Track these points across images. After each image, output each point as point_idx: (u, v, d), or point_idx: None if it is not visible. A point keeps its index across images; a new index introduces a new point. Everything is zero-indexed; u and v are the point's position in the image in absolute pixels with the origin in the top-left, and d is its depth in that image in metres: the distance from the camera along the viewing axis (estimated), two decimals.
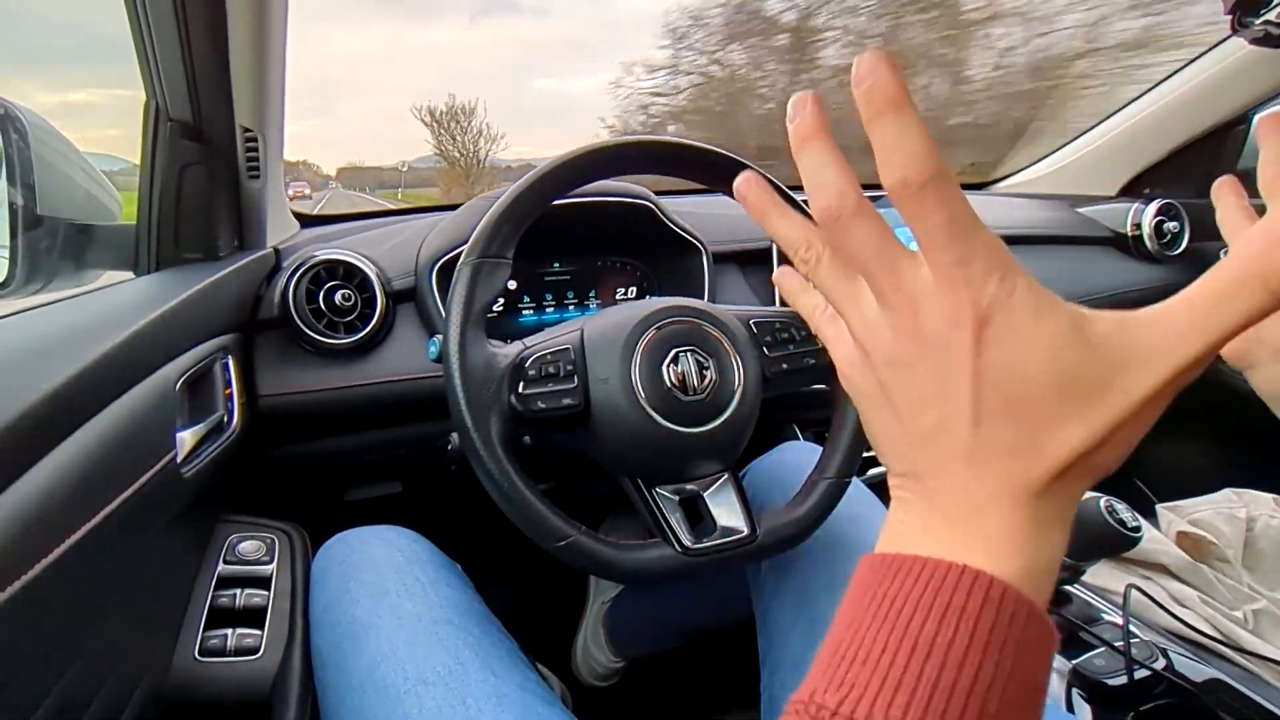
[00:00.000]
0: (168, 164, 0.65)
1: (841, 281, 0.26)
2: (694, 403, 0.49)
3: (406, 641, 0.47)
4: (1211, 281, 0.21)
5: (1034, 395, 0.22)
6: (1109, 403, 0.21)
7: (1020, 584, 0.21)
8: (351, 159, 18.91)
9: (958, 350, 0.22)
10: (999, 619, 0.20)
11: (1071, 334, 0.22)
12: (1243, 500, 0.88)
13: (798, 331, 0.55)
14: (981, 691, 0.19)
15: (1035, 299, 0.22)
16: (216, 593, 0.60)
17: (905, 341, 0.24)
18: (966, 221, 0.22)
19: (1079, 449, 0.21)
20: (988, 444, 0.22)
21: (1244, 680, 0.62)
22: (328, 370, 0.72)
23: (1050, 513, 0.22)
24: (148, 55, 0.61)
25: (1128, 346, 0.22)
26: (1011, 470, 0.22)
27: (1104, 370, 0.21)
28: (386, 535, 0.58)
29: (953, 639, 0.20)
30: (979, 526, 0.22)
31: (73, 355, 0.42)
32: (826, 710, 0.20)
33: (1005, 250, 0.22)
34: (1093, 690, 0.61)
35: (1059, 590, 0.71)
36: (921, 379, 0.23)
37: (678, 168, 0.53)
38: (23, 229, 0.57)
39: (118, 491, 0.43)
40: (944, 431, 0.23)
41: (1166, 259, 1.18)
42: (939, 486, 0.23)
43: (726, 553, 0.50)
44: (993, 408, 0.22)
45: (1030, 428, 0.22)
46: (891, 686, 0.20)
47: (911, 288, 0.23)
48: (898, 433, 0.25)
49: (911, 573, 0.22)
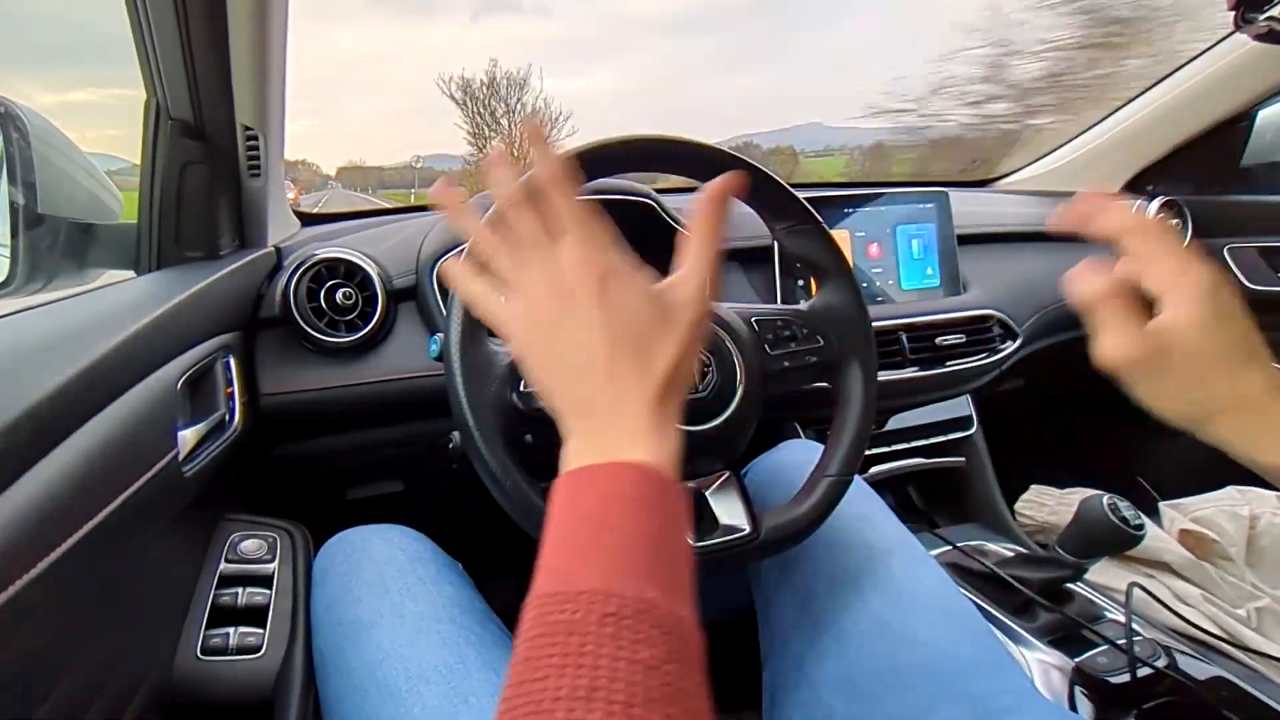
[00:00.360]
0: (169, 163, 0.65)
1: (511, 262, 0.35)
2: (696, 400, 0.49)
3: (408, 640, 0.47)
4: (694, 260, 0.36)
5: (642, 329, 0.33)
6: (679, 331, 0.33)
7: (660, 466, 0.30)
8: (352, 158, 18.51)
9: (589, 300, 0.32)
10: (652, 489, 0.29)
11: (649, 286, 0.34)
12: (1245, 498, 0.87)
13: (799, 329, 0.55)
14: (655, 534, 0.28)
15: (627, 264, 0.34)
16: (218, 591, 0.60)
17: (557, 298, 0.33)
18: (584, 216, 0.34)
19: (674, 362, 0.33)
20: (620, 367, 0.32)
21: (1247, 678, 0.62)
22: (329, 369, 0.72)
23: (666, 415, 0.32)
24: (148, 54, 0.61)
25: (675, 297, 0.34)
26: (640, 385, 0.32)
27: (671, 310, 0.34)
28: (388, 534, 0.58)
29: (623, 510, 0.28)
30: (627, 433, 0.31)
31: (74, 354, 0.42)
32: (546, 596, 0.26)
33: (605, 235, 0.34)
34: (1095, 688, 0.61)
35: (1062, 588, 0.71)
36: (569, 326, 0.33)
37: (674, 164, 0.53)
38: (24, 228, 0.57)
39: (119, 490, 0.43)
40: (591, 363, 0.32)
41: None
42: (595, 409, 0.32)
43: (729, 551, 0.49)
44: (618, 339, 0.32)
45: (644, 351, 0.32)
46: (586, 559, 0.27)
47: (556, 259, 0.33)
48: (560, 372, 0.33)
49: (594, 478, 0.30)
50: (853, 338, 0.56)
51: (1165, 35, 2.53)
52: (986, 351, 0.97)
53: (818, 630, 0.52)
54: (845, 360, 0.56)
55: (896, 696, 0.47)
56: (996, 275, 1.04)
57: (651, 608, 0.25)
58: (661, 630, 0.25)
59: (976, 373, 0.97)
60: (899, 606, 0.51)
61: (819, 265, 0.56)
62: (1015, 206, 1.21)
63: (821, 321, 0.56)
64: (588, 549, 0.27)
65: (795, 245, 0.56)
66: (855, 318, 0.56)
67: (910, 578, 0.53)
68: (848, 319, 0.56)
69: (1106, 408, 1.39)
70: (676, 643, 0.25)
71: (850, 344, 0.56)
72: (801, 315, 0.56)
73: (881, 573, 0.53)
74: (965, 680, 0.47)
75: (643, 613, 0.25)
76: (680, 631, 0.26)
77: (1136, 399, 0.41)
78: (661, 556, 0.28)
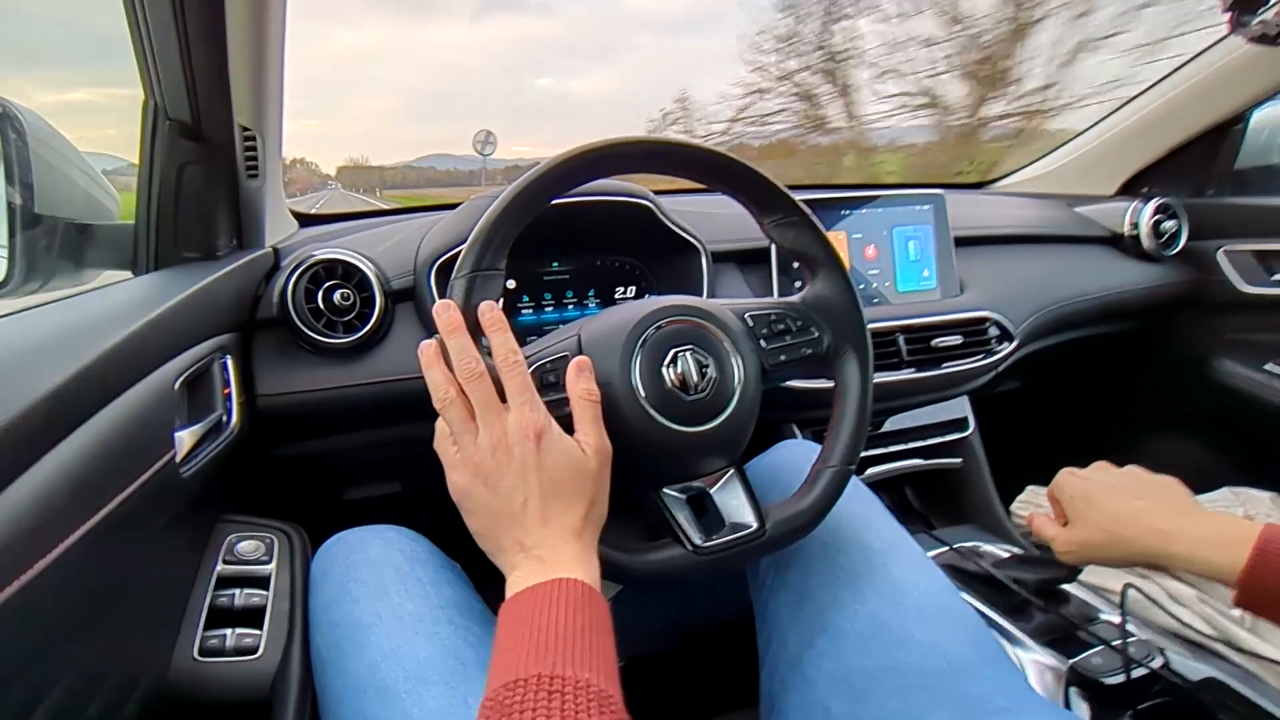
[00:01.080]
0: (166, 163, 0.64)
1: (462, 418, 0.42)
2: (696, 401, 0.49)
3: (406, 641, 0.47)
4: (584, 423, 0.44)
5: (566, 481, 0.41)
6: (590, 478, 0.42)
7: (586, 580, 0.38)
8: (353, 156, 17.96)
9: (529, 456, 0.40)
10: (581, 597, 0.37)
11: (574, 447, 0.42)
12: (1240, 499, 0.88)
13: (793, 322, 0.55)
14: (591, 628, 0.35)
15: (559, 428, 0.42)
16: (216, 593, 0.60)
17: (500, 454, 0.41)
18: (528, 387, 0.42)
19: (587, 509, 0.42)
20: (552, 510, 0.40)
21: (1241, 679, 0.62)
22: (327, 369, 0.72)
23: (588, 543, 0.42)
24: (146, 55, 0.61)
25: (586, 453, 0.43)
26: (566, 524, 0.41)
27: (584, 462, 0.42)
28: (386, 535, 0.58)
29: (562, 612, 0.36)
30: (559, 560, 0.39)
31: (71, 355, 0.42)
32: (499, 689, 0.33)
33: (540, 403, 0.42)
34: (1090, 689, 0.61)
35: (1057, 589, 0.71)
36: (510, 477, 0.40)
37: (669, 165, 0.53)
38: (21, 228, 0.57)
39: (116, 491, 0.43)
40: (528, 507, 0.40)
41: (1164, 258, 1.18)
42: (534, 545, 0.40)
43: (737, 548, 0.49)
44: (549, 489, 0.41)
45: (568, 499, 0.41)
46: (540, 651, 0.33)
47: (502, 422, 0.41)
48: (501, 517, 0.41)
49: (536, 595, 0.37)
50: (846, 327, 0.56)
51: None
52: (983, 353, 0.97)
53: (815, 631, 0.52)
54: (841, 350, 0.56)
55: (893, 697, 0.47)
56: (993, 277, 1.04)
57: (588, 686, 0.32)
58: (598, 705, 0.31)
59: (973, 374, 0.97)
60: (896, 607, 0.51)
61: (809, 256, 0.57)
62: (1011, 209, 1.21)
63: (814, 312, 0.56)
64: (537, 646, 0.34)
65: (785, 239, 0.56)
66: (847, 307, 0.56)
67: (907, 578, 0.53)
68: (840, 308, 0.56)
69: (1102, 409, 1.39)
70: (610, 717, 0.31)
71: (844, 333, 0.56)
72: (794, 307, 0.56)
73: (879, 573, 0.53)
74: (962, 681, 0.47)
75: (581, 689, 0.32)
76: (611, 708, 0.32)
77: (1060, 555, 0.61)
78: (595, 648, 0.35)
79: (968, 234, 1.04)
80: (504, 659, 0.34)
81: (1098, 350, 1.26)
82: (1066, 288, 1.10)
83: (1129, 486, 0.57)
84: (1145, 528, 0.53)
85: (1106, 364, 1.34)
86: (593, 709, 0.31)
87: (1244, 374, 1.15)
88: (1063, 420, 1.42)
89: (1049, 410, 1.40)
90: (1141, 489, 0.57)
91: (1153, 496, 0.56)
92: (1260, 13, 0.80)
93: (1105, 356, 1.32)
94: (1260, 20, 0.80)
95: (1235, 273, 1.15)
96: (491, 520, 0.41)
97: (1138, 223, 1.16)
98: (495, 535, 0.41)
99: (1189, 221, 1.18)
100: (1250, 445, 1.18)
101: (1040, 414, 1.39)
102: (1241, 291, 1.14)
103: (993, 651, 0.50)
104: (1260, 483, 0.91)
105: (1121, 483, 0.58)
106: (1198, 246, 1.19)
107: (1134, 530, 0.54)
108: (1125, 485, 0.58)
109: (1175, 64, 1.16)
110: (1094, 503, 0.57)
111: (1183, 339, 1.24)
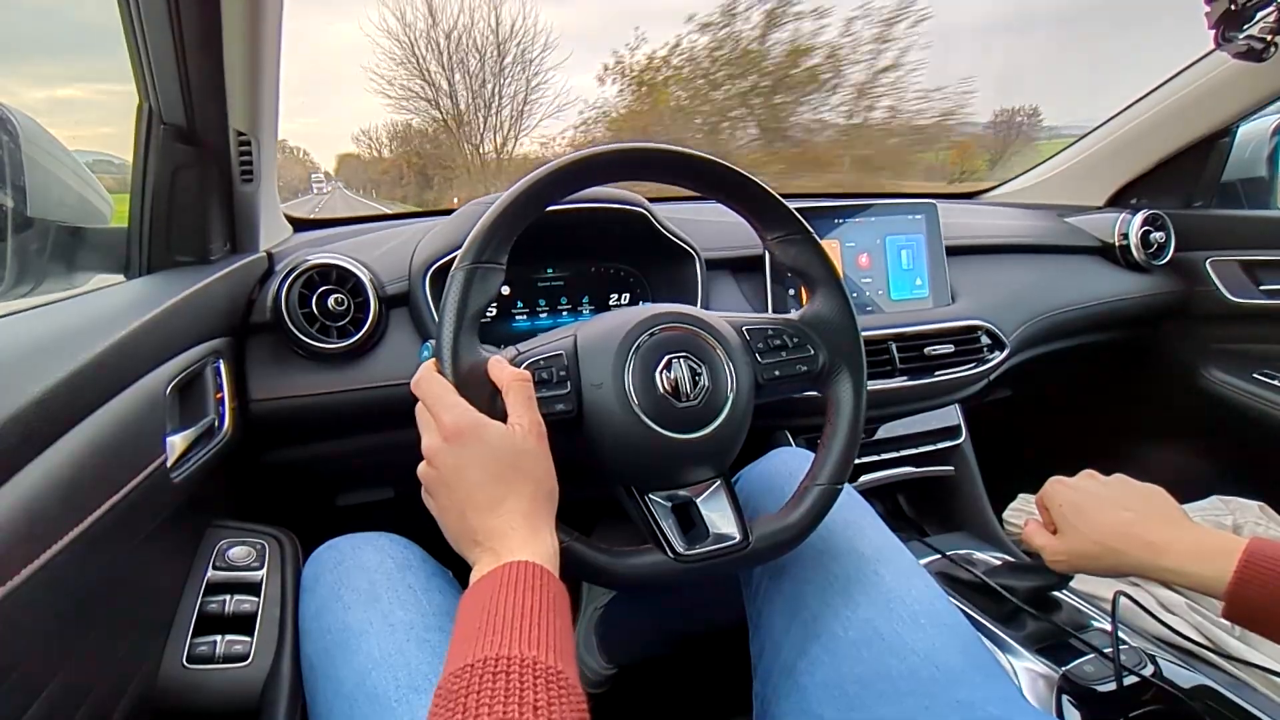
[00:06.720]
0: (160, 167, 0.64)
1: (422, 423, 0.46)
2: (687, 409, 0.50)
3: (398, 648, 0.47)
4: (517, 410, 0.46)
5: (505, 467, 0.42)
6: (528, 465, 0.44)
7: (541, 561, 0.40)
8: (353, 150, 17.05)
9: (457, 456, 0.42)
10: (531, 578, 0.38)
11: (504, 431, 0.44)
12: (1230, 508, 0.89)
13: (790, 338, 0.56)
14: (539, 606, 0.36)
15: (484, 419, 0.44)
16: (205, 599, 0.59)
17: (437, 461, 0.43)
18: (447, 390, 0.45)
19: (534, 489, 0.43)
20: (495, 498, 0.42)
21: (1231, 687, 0.63)
22: (320, 375, 0.71)
23: (537, 524, 0.42)
24: (141, 59, 0.61)
25: (518, 437, 0.44)
26: (513, 508, 0.42)
27: (521, 449, 0.44)
28: (378, 541, 0.58)
29: (510, 594, 0.37)
30: (508, 546, 0.40)
31: (62, 358, 0.42)
32: (452, 675, 0.33)
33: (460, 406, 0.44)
34: (1082, 697, 0.61)
35: (1048, 596, 0.71)
36: (448, 479, 0.43)
37: (666, 173, 0.53)
38: (12, 231, 0.56)
39: (106, 496, 0.43)
40: (471, 502, 0.42)
41: (1152, 268, 1.19)
42: (489, 535, 0.41)
43: (719, 559, 0.50)
44: (487, 479, 0.42)
45: (508, 483, 0.42)
46: (488, 636, 0.34)
47: (430, 433, 0.44)
48: (452, 519, 0.43)
49: (486, 584, 0.38)
50: (843, 347, 0.56)
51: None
52: (975, 361, 0.98)
53: (808, 638, 0.52)
54: (835, 369, 0.56)
55: (886, 704, 0.47)
56: (984, 286, 1.05)
57: (534, 663, 0.33)
58: (544, 680, 0.32)
59: (965, 382, 0.97)
60: (889, 614, 0.51)
61: (810, 275, 0.57)
62: (1003, 219, 1.23)
63: (812, 331, 0.56)
64: (482, 632, 0.34)
65: (786, 255, 0.57)
66: (846, 327, 0.56)
67: (900, 586, 0.53)
68: (838, 328, 0.56)
69: (1092, 417, 1.41)
70: (557, 691, 0.32)
71: (840, 353, 0.56)
72: (792, 325, 0.57)
73: (871, 581, 0.53)
74: (954, 688, 0.47)
75: (527, 667, 0.32)
76: (560, 682, 0.33)
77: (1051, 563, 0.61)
78: (544, 625, 0.35)
79: (960, 243, 1.05)
80: (455, 650, 0.35)
81: (1088, 359, 1.27)
82: (1057, 297, 1.11)
83: (1117, 497, 0.58)
84: (1135, 541, 0.54)
85: (1096, 372, 1.35)
86: (539, 685, 0.31)
87: (1231, 382, 1.17)
88: (1053, 428, 1.43)
89: (1040, 418, 1.41)
90: (1130, 499, 0.57)
91: (1141, 507, 0.56)
92: (1245, 29, 0.81)
93: (1095, 365, 1.33)
94: (1246, 36, 0.82)
95: (1222, 283, 1.17)
96: (449, 524, 0.43)
97: (1127, 233, 1.18)
98: (456, 537, 0.43)
99: (1177, 232, 1.20)
100: (1238, 453, 1.19)
101: (1031, 422, 1.40)
102: (1228, 301, 1.16)
103: (985, 659, 0.50)
104: (1248, 491, 0.92)
105: (1109, 493, 0.58)
106: (1186, 257, 1.20)
107: (1124, 543, 0.54)
108: (1113, 495, 0.58)
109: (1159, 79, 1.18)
110: (1083, 513, 0.57)
111: (1171, 348, 1.26)
